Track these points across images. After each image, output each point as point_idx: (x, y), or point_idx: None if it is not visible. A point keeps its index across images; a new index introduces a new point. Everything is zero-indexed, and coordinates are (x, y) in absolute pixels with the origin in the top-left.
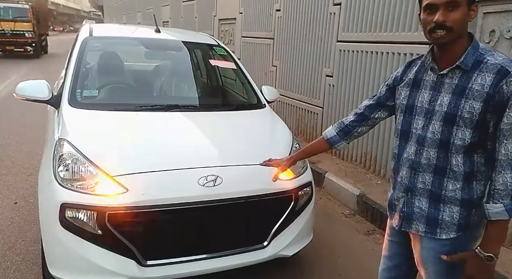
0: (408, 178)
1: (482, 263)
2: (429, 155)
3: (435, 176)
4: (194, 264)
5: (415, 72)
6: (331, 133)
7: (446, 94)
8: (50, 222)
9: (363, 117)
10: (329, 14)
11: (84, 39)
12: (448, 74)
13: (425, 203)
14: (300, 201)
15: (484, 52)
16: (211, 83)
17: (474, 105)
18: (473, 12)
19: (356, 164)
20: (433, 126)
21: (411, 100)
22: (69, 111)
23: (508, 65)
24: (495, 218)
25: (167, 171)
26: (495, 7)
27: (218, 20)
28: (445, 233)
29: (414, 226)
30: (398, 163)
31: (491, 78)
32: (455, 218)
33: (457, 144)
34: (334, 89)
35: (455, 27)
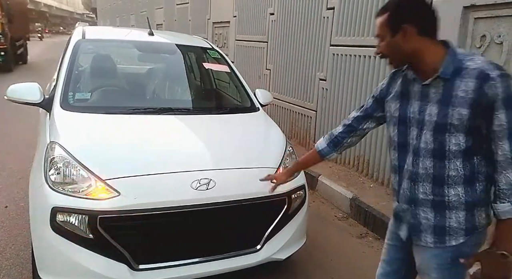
0: (409, 189)
1: (497, 262)
2: (425, 165)
3: (434, 185)
4: (186, 268)
5: (401, 84)
6: (322, 145)
7: (434, 104)
8: (40, 226)
9: (352, 128)
10: (322, 18)
11: (77, 41)
12: (432, 84)
13: (430, 213)
14: (293, 205)
15: (463, 57)
16: (204, 86)
17: (461, 112)
18: (400, 35)
19: (349, 167)
20: (425, 136)
21: (403, 112)
22: (61, 114)
23: (488, 69)
24: (505, 217)
25: (160, 174)
26: (486, 12)
27: (212, 23)
28: (454, 239)
29: (422, 238)
30: (399, 175)
31: (473, 83)
32: (462, 223)
33: (453, 149)
34: (328, 93)
35: (388, 55)
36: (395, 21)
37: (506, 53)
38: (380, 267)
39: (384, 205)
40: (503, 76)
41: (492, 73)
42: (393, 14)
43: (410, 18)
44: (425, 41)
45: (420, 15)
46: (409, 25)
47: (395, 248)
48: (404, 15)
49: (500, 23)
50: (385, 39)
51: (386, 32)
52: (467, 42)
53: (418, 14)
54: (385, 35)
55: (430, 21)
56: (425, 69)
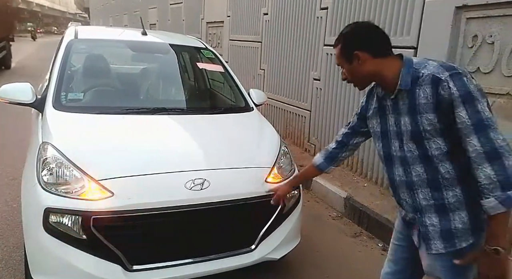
0: (410, 197)
1: (492, 259)
2: (417, 172)
3: (432, 189)
4: (181, 268)
5: (377, 100)
6: (319, 160)
7: (405, 115)
8: (33, 227)
9: (343, 144)
10: (316, 18)
11: (69, 41)
12: (398, 97)
13: (435, 218)
14: (287, 204)
15: (418, 66)
16: (198, 86)
17: (429, 117)
18: (356, 61)
19: (343, 166)
20: (407, 146)
21: (383, 126)
22: (54, 114)
23: (437, 71)
24: (493, 212)
25: (154, 174)
26: (478, 12)
27: (206, 23)
28: (464, 241)
29: (433, 246)
30: (394, 186)
31: (429, 89)
32: (466, 223)
33: (436, 153)
34: (322, 93)
35: (351, 80)
36: (348, 50)
37: (498, 53)
38: (386, 266)
39: (378, 204)
40: (453, 75)
41: (443, 76)
42: (345, 44)
43: (360, 45)
44: (381, 61)
45: (368, 41)
46: (361, 51)
47: (401, 248)
48: (354, 43)
49: (492, 23)
50: (344, 67)
51: (343, 61)
52: (459, 42)
53: (366, 41)
54: (343, 64)
55: (380, 43)
56: (388, 85)
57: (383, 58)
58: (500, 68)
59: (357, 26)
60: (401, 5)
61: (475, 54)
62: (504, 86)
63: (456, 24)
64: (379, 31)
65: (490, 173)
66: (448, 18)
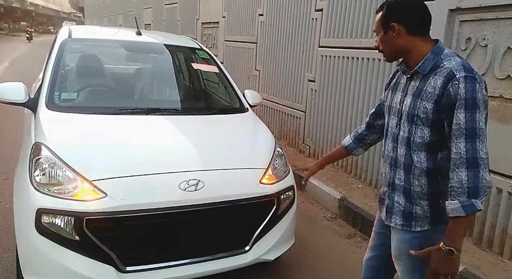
0: (389, 174)
1: (444, 257)
2: (401, 152)
3: (405, 172)
4: (174, 269)
5: (397, 77)
6: (348, 141)
7: (409, 96)
8: (25, 228)
9: (369, 125)
10: (311, 20)
11: (63, 41)
12: (413, 77)
13: (402, 198)
14: (282, 205)
15: (445, 57)
16: (193, 87)
17: (426, 106)
18: (391, 32)
19: (337, 168)
20: (403, 125)
21: (390, 101)
22: (47, 114)
23: (456, 69)
24: (453, 215)
25: (147, 175)
26: (471, 15)
27: (201, 23)
28: (419, 226)
29: (393, 219)
30: (383, 158)
31: (441, 81)
32: (427, 212)
33: (417, 141)
34: (316, 94)
35: (382, 49)
36: (387, 20)
37: (491, 55)
38: (367, 252)
39: (372, 206)
40: (468, 78)
41: (459, 74)
42: (386, 13)
43: (400, 18)
44: (414, 39)
45: (409, 16)
46: (398, 24)
47: (380, 235)
48: (395, 15)
49: (485, 26)
50: (379, 34)
51: (379, 29)
52: (453, 45)
53: (407, 15)
54: (379, 32)
55: (419, 21)
56: (411, 64)
57: (418, 36)
58: (493, 71)
59: None
60: None
61: (468, 57)
62: (497, 88)
63: (449, 27)
64: (424, 9)
65: (464, 178)
66: (441, 20)
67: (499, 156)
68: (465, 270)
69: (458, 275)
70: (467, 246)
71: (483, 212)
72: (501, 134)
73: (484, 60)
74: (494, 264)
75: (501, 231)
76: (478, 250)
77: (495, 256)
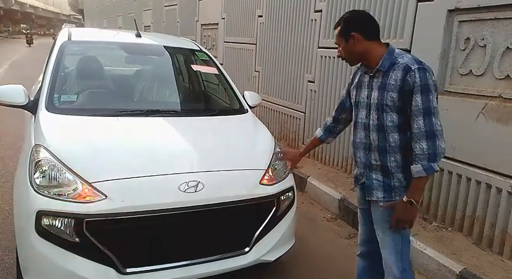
0: (364, 157)
1: (406, 207)
2: (373, 137)
3: (380, 153)
4: (175, 271)
5: (359, 77)
6: (320, 133)
7: (375, 90)
8: (25, 230)
9: (335, 119)
10: (310, 21)
11: (63, 43)
12: (374, 75)
13: (380, 175)
14: (282, 206)
15: (397, 55)
16: (193, 88)
17: (392, 95)
18: (351, 40)
19: (337, 168)
20: (372, 115)
21: (357, 97)
22: (46, 117)
23: (410, 63)
24: (417, 176)
25: (147, 177)
26: (470, 15)
27: (200, 25)
28: (398, 195)
29: (374, 194)
30: (354, 146)
31: (400, 74)
32: (403, 182)
33: (389, 125)
34: (316, 95)
35: (345, 56)
36: (346, 31)
37: (490, 55)
38: (359, 229)
39: None
40: (421, 69)
41: (413, 66)
42: (344, 26)
43: (357, 28)
44: (370, 44)
45: (364, 25)
46: (356, 32)
47: (361, 210)
48: (352, 26)
49: (483, 26)
50: (341, 45)
51: (341, 40)
52: (452, 45)
53: (362, 24)
54: (341, 42)
55: (373, 29)
56: (371, 65)
57: (373, 41)
58: (492, 71)
59: (356, 12)
60: (394, 8)
61: (467, 57)
62: (496, 88)
63: (448, 27)
64: (372, 19)
65: (424, 147)
66: (440, 21)
67: (498, 156)
68: (464, 270)
69: (459, 274)
70: (467, 246)
71: (483, 211)
72: (500, 134)
73: (483, 60)
74: (494, 264)
75: (501, 230)
76: (478, 249)
77: (495, 256)
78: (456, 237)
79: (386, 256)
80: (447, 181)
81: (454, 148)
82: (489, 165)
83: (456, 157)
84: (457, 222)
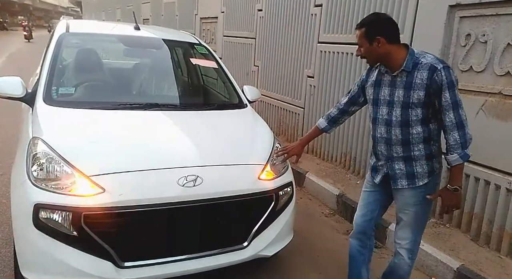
0: (386, 150)
1: (451, 194)
2: (396, 132)
3: (403, 146)
4: (172, 265)
5: (376, 75)
6: (323, 124)
7: (400, 89)
8: (23, 223)
9: (343, 111)
10: (310, 15)
11: (61, 35)
12: (398, 75)
13: (402, 165)
14: (280, 201)
15: (419, 56)
16: (192, 82)
17: (419, 94)
18: (375, 43)
19: (336, 164)
20: (395, 112)
21: (376, 95)
22: (44, 109)
23: (435, 63)
24: (454, 164)
25: (146, 171)
26: (471, 11)
27: (199, 18)
28: (421, 180)
29: (399, 182)
30: (375, 141)
31: (426, 73)
32: (425, 169)
33: (414, 119)
34: (315, 90)
35: (367, 57)
36: (371, 34)
37: (490, 52)
38: (359, 210)
39: None
40: (445, 67)
41: (439, 66)
42: (369, 29)
43: (381, 32)
44: (392, 47)
45: (388, 29)
46: (381, 36)
47: (370, 193)
48: (377, 30)
49: (484, 22)
50: (364, 46)
51: (364, 42)
52: (452, 41)
53: (386, 29)
54: (364, 44)
55: (395, 33)
56: (393, 65)
57: (395, 44)
58: (492, 67)
59: (380, 16)
60: (395, 3)
61: (468, 53)
62: (496, 85)
63: (449, 23)
64: (395, 23)
65: (457, 137)
66: (441, 17)
67: (497, 152)
68: (462, 266)
69: (456, 270)
70: (465, 243)
71: (481, 208)
72: (500, 130)
73: (483, 56)
74: (492, 260)
75: (498, 227)
76: (475, 246)
77: (492, 252)
78: (454, 233)
79: (404, 231)
80: (445, 178)
81: None
82: (488, 162)
83: None
84: (455, 219)
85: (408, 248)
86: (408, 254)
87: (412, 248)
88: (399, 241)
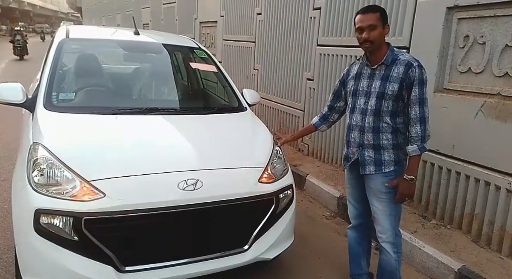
0: (359, 138)
1: (407, 183)
2: (369, 120)
3: (374, 134)
4: (173, 269)
5: (357, 69)
6: (316, 120)
7: (377, 80)
8: (24, 229)
9: (331, 107)
10: (309, 19)
11: (61, 41)
12: (377, 67)
13: (371, 152)
14: (281, 204)
15: (398, 53)
16: (191, 86)
17: (394, 86)
18: (386, 29)
19: (336, 166)
20: (371, 102)
21: (355, 87)
22: (45, 115)
23: (412, 60)
24: (413, 154)
25: (146, 175)
26: (469, 13)
27: (199, 23)
28: (387, 167)
29: (367, 168)
30: (350, 129)
31: (402, 68)
32: (391, 157)
33: (385, 110)
34: (315, 93)
35: (375, 40)
36: (385, 19)
37: (489, 53)
38: (348, 204)
39: None
40: (419, 66)
41: (414, 63)
42: (384, 14)
43: (387, 21)
44: (384, 39)
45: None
46: (387, 25)
47: (354, 188)
48: (386, 17)
49: (483, 23)
50: (377, 29)
51: (379, 24)
52: (451, 42)
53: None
54: (378, 27)
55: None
56: (376, 58)
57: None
58: (491, 68)
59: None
60: (393, 5)
61: (466, 54)
62: (494, 86)
63: (447, 25)
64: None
65: (418, 130)
66: (439, 18)
67: (497, 153)
68: (463, 268)
69: (457, 272)
70: (466, 244)
71: (482, 209)
72: (499, 131)
73: (482, 57)
74: (493, 261)
75: (499, 228)
76: (476, 247)
77: (493, 253)
78: (455, 234)
79: (381, 221)
80: (446, 179)
81: (453, 146)
82: (488, 162)
83: (455, 155)
84: (456, 220)
85: (390, 242)
86: (393, 248)
87: (394, 241)
88: (381, 235)
